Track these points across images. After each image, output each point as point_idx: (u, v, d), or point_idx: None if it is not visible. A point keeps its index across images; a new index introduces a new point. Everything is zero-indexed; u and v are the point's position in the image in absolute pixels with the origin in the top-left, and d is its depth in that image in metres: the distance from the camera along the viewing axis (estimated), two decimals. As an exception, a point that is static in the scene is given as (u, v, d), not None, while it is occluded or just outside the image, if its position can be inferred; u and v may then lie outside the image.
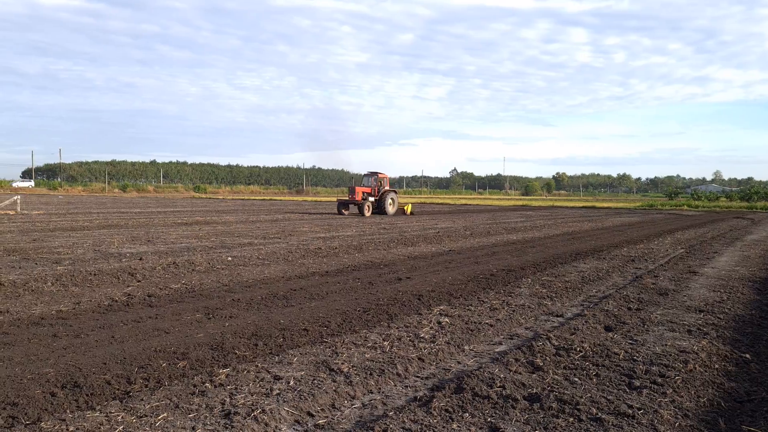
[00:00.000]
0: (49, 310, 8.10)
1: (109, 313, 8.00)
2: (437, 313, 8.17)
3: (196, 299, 9.07)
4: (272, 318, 7.81)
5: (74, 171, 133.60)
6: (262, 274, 11.68)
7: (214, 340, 6.59)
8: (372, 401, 4.95)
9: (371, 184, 38.16)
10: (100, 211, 36.72)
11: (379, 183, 38.23)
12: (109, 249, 14.85)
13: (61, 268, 11.22)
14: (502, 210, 50.84)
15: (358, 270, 12.54)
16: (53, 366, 5.59)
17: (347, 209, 37.59)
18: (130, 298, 8.99)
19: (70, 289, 9.65)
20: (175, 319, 7.70)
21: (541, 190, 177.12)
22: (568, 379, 5.40)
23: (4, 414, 4.46)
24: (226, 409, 4.50)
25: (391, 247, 17.26)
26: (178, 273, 11.41)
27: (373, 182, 38.22)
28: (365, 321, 7.73)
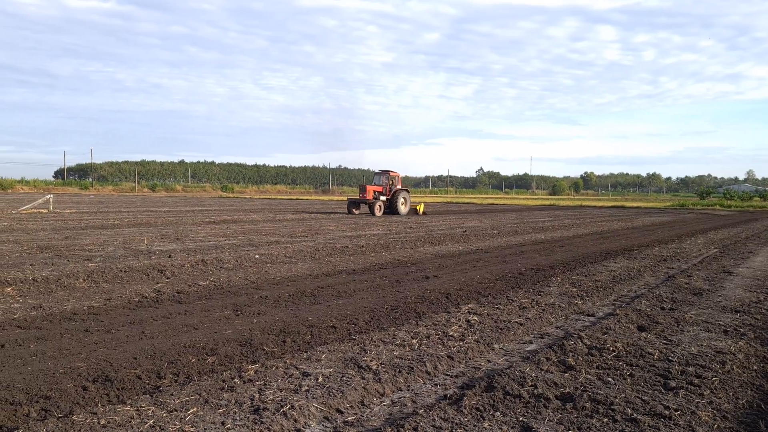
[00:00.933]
0: (81, 305, 8.21)
1: (139, 309, 8.07)
2: (466, 311, 8.08)
3: (225, 296, 9.11)
4: (300, 315, 7.80)
5: (105, 171, 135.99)
6: (289, 271, 11.70)
7: (243, 337, 6.60)
8: (401, 399, 4.90)
9: (383, 182, 36.78)
10: (130, 210, 37.27)
11: (391, 181, 36.84)
12: (138, 247, 15.03)
13: (93, 265, 11.38)
14: (530, 209, 50.38)
15: (385, 268, 12.50)
16: (85, 360, 5.65)
17: (358, 208, 36.53)
18: (159, 295, 9.06)
19: (101, 285, 9.77)
20: (204, 315, 7.74)
21: (569, 190, 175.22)
22: (602, 379, 5.28)
23: (37, 407, 4.50)
24: (255, 405, 4.48)
25: (417, 245, 17.18)
26: (206, 270, 11.49)
27: (385, 181, 36.83)
28: (393, 319, 7.68)
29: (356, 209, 36.32)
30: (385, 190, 36.19)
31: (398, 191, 36.35)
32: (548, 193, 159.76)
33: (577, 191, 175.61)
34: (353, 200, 37.34)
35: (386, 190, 36.24)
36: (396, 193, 36.17)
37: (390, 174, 37.02)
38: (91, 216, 29.08)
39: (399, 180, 37.48)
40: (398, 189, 36.55)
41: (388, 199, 35.85)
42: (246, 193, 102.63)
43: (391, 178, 36.80)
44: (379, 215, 34.21)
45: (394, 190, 36.31)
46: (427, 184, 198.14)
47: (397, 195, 36.03)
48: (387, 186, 36.40)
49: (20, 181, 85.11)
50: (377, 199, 35.06)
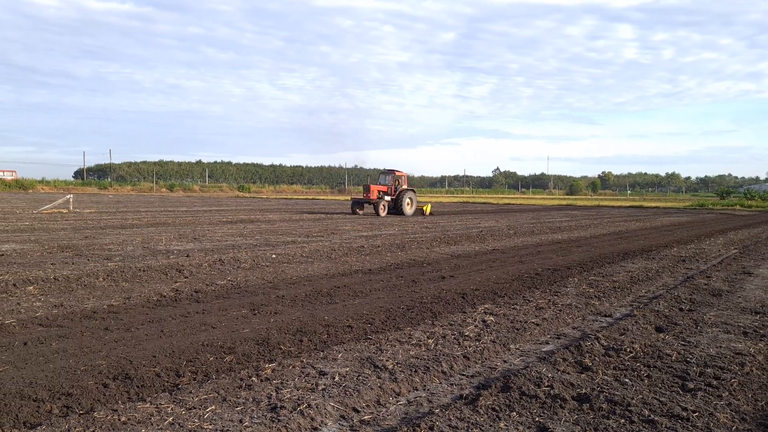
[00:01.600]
0: (101, 304, 8.32)
1: (158, 308, 8.17)
2: (482, 311, 8.07)
3: (242, 295, 9.19)
4: (316, 314, 7.85)
5: (123, 171, 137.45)
6: (305, 271, 11.77)
7: (260, 336, 6.66)
8: (417, 398, 4.92)
9: (388, 182, 35.77)
10: (149, 209, 37.64)
11: (396, 181, 35.71)
12: (157, 246, 15.19)
13: (112, 264, 11.52)
14: (547, 209, 50.12)
15: (401, 268, 12.52)
16: (105, 358, 5.73)
17: (362, 209, 35.56)
18: (177, 294, 9.16)
19: (121, 284, 9.90)
20: (222, 314, 7.81)
21: (586, 190, 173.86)
22: (619, 380, 5.26)
23: (59, 404, 4.58)
24: (272, 403, 4.53)
25: (434, 245, 17.18)
26: (224, 270, 11.59)
27: (390, 180, 35.74)
28: (409, 318, 7.71)
29: (360, 209, 35.46)
30: (390, 189, 35.35)
31: (404, 191, 35.42)
32: (565, 193, 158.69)
33: (594, 191, 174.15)
34: (357, 200, 36.31)
35: (391, 189, 35.39)
36: (401, 193, 35.25)
37: (395, 173, 36.12)
38: (110, 216, 29.42)
39: (405, 180, 36.63)
40: (404, 189, 35.61)
41: (393, 199, 35.07)
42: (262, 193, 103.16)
43: (396, 178, 35.90)
44: (383, 215, 33.36)
45: (400, 190, 35.38)
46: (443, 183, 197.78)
47: (402, 195, 35.14)
48: (392, 186, 35.52)
49: (41, 181, 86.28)
50: (381, 198, 34.27)
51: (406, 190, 35.50)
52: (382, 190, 34.95)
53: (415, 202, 36.00)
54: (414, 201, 35.83)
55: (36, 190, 77.29)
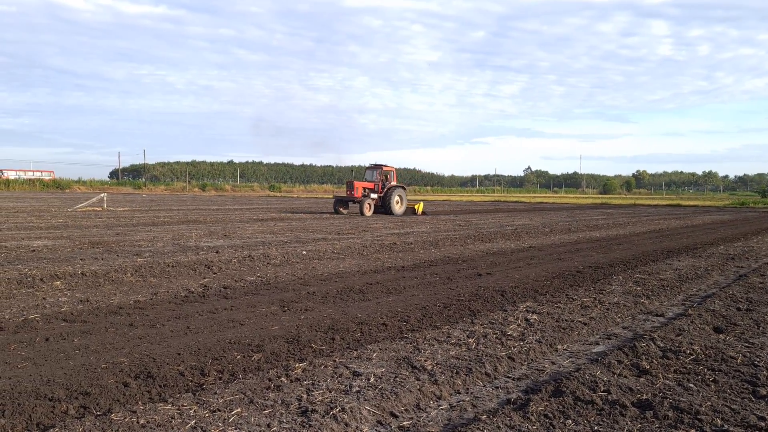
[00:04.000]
0: (127, 299, 8.08)
1: (185, 304, 7.89)
2: (524, 309, 7.61)
3: (272, 292, 8.87)
4: (349, 312, 7.48)
5: (157, 171, 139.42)
6: (337, 268, 11.42)
7: (290, 333, 6.31)
8: (460, 402, 4.50)
9: (374, 178, 32.79)
10: (180, 208, 37.79)
11: (384, 177, 32.71)
12: (187, 243, 15.01)
13: (141, 260, 11.33)
14: (581, 208, 49.07)
15: (435, 265, 12.09)
16: (127, 355, 5.44)
17: (346, 207, 32.31)
18: (206, 290, 8.89)
19: (149, 280, 9.67)
20: (251, 311, 7.49)
21: (620, 189, 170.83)
22: (682, 385, 4.76)
23: (76, 403, 4.28)
24: (303, 406, 4.16)
25: (467, 243, 16.71)
26: (253, 266, 11.31)
27: (377, 176, 32.71)
28: (446, 317, 7.28)
29: (343, 208, 32.22)
30: (376, 186, 32.32)
31: (392, 188, 32.16)
32: (598, 192, 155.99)
33: (629, 190, 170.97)
34: (340, 198, 33.00)
35: (378, 186, 32.33)
36: (390, 190, 31.98)
37: (383, 168, 33.04)
38: (142, 214, 29.54)
39: (394, 175, 33.56)
40: (392, 186, 32.42)
41: (381, 197, 31.95)
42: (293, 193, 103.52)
43: (384, 173, 32.86)
44: (368, 215, 30.18)
45: (388, 187, 32.21)
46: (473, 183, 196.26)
47: (391, 192, 31.85)
48: (379, 182, 32.48)
49: (77, 181, 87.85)
50: (367, 196, 31.23)
51: (394, 187, 32.36)
52: (367, 188, 32.14)
53: (405, 200, 32.98)
54: (404, 199, 32.81)
55: (73, 190, 78.67)
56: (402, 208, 32.35)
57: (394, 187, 32.30)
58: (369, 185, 32.22)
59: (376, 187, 32.23)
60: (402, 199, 32.48)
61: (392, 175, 33.30)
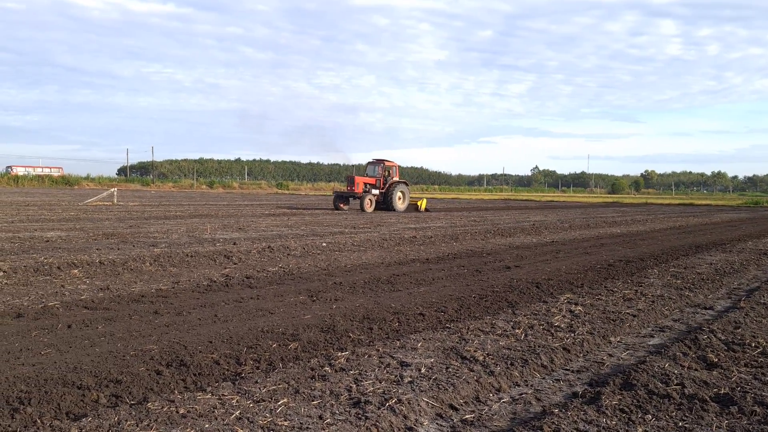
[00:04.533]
0: (149, 288, 7.76)
1: (209, 293, 7.56)
2: (564, 301, 7.24)
3: (296, 281, 8.53)
4: (381, 302, 7.13)
5: (165, 168, 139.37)
6: (359, 259, 11.08)
7: (324, 322, 5.97)
8: (522, 396, 4.14)
9: (376, 173, 31.24)
10: (190, 203, 37.51)
11: (387, 172, 31.20)
12: (202, 235, 14.70)
13: (158, 251, 11.01)
14: (593, 206, 48.54)
15: (460, 258, 11.73)
16: (156, 343, 5.11)
17: (346, 203, 30.73)
18: (228, 279, 8.56)
19: (168, 269, 9.35)
20: (278, 300, 7.16)
21: (629, 189, 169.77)
22: (759, 379, 4.39)
23: (107, 392, 3.95)
24: (354, 397, 3.81)
25: (487, 237, 16.33)
26: (273, 257, 10.98)
27: (379, 171, 31.16)
28: (485, 307, 6.93)
29: (344, 204, 30.62)
30: (378, 182, 30.81)
31: (395, 184, 30.84)
32: (607, 192, 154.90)
33: (637, 190, 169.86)
34: (340, 194, 31.41)
35: (380, 182, 30.83)
36: (392, 186, 30.66)
37: (385, 164, 31.54)
38: (153, 208, 29.27)
39: (396, 171, 32.05)
40: (395, 181, 31.04)
41: (383, 193, 30.59)
42: (300, 190, 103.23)
43: (386, 169, 31.37)
44: (369, 211, 28.81)
45: (390, 183, 30.81)
46: (480, 182, 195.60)
47: (393, 188, 30.53)
48: (381, 178, 30.93)
49: (86, 177, 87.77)
50: (368, 192, 29.89)
51: (397, 183, 31.07)
52: (369, 183, 30.66)
53: (408, 196, 31.61)
54: (406, 195, 31.44)
55: (81, 187, 78.59)
56: (404, 204, 31.14)
57: (397, 182, 31.11)
58: (370, 180, 30.83)
59: (377, 183, 30.85)
60: (405, 195, 31.33)
61: (395, 170, 31.96)
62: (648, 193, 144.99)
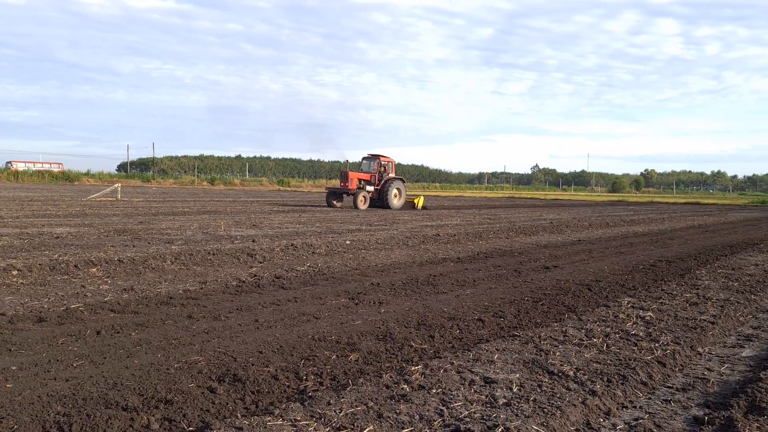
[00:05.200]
0: (176, 288, 7.21)
1: (241, 295, 7.00)
2: (628, 306, 6.69)
3: (331, 282, 7.97)
4: (430, 305, 6.58)
5: (165, 165, 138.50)
6: (388, 258, 10.53)
7: (378, 329, 5.42)
8: (638, 421, 3.58)
9: (371, 169, 29.96)
10: (195, 199, 36.90)
11: (382, 168, 29.98)
12: (217, 232, 14.14)
13: (176, 248, 10.46)
14: (600, 204, 48.04)
15: (492, 257, 11.18)
16: (200, 353, 4.56)
17: (339, 200, 29.43)
18: (258, 279, 8.01)
19: (192, 268, 8.79)
20: (319, 303, 6.60)
21: (630, 187, 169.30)
22: None
23: (158, 414, 3.40)
24: (450, 424, 3.26)
25: (511, 235, 15.78)
26: (299, 255, 10.42)
27: (375, 167, 29.94)
28: (543, 312, 6.39)
29: (337, 201, 29.34)
30: (373, 178, 29.53)
31: (390, 180, 29.53)
32: (608, 191, 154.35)
33: (638, 189, 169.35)
34: (333, 190, 30.22)
35: (375, 178, 29.54)
36: (388, 182, 29.40)
37: (381, 159, 30.24)
38: (158, 204, 28.69)
39: (392, 167, 30.91)
40: (390, 178, 29.71)
41: (378, 190, 29.37)
42: (302, 187, 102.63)
43: (382, 165, 30.11)
44: (363, 208, 27.52)
45: (386, 179, 29.50)
46: (481, 180, 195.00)
47: (389, 185, 29.30)
48: (376, 174, 29.66)
49: (86, 173, 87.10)
50: (362, 189, 28.55)
51: (393, 179, 29.76)
52: (363, 179, 29.34)
53: (404, 193, 30.45)
54: (403, 192, 30.23)
55: (82, 183, 77.93)
56: (400, 201, 29.98)
57: (393, 179, 29.82)
58: (365, 176, 29.55)
59: (372, 179, 29.54)
60: (401, 192, 30.13)
61: (390, 166, 30.79)
62: (649, 192, 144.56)
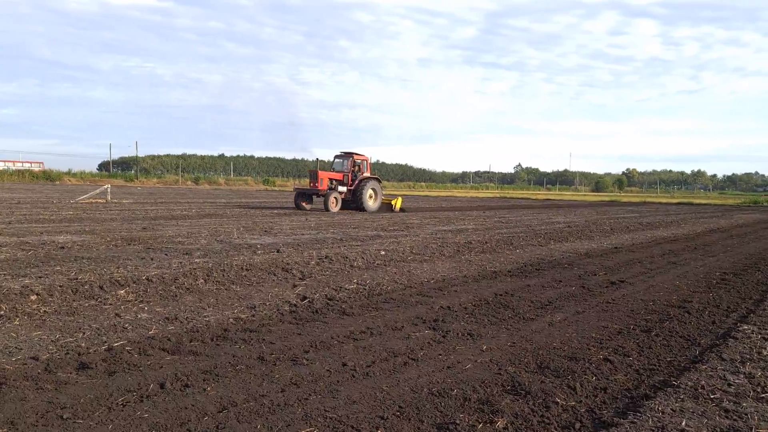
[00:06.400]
0: (224, 316, 6.19)
1: (303, 324, 6.00)
2: (755, 335, 5.81)
3: (394, 306, 6.99)
4: (531, 338, 5.65)
5: (147, 164, 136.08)
6: (435, 272, 9.59)
7: (498, 376, 4.48)
8: None
9: (344, 168, 27.92)
10: (188, 201, 35.61)
11: (356, 167, 27.95)
12: (231, 239, 13.08)
13: (199, 261, 9.43)
14: (596, 205, 47.53)
15: (543, 269, 10.27)
16: (308, 421, 3.57)
17: (309, 202, 27.19)
18: (310, 302, 7.01)
19: (230, 288, 7.75)
20: (400, 335, 5.63)
21: (613, 186, 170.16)
22: None
23: None
24: None
25: (542, 242, 14.88)
26: (338, 269, 9.42)
27: (348, 166, 27.85)
28: (666, 346, 5.50)
29: (306, 203, 27.02)
30: (345, 178, 27.46)
31: (365, 180, 27.45)
32: (591, 190, 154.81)
33: (621, 188, 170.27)
34: (302, 191, 27.77)
35: (348, 178, 27.47)
36: (362, 182, 27.34)
37: (354, 157, 28.09)
38: (151, 206, 27.42)
39: (368, 166, 28.69)
40: (365, 177, 27.64)
41: (351, 190, 27.31)
42: (288, 186, 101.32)
43: (356, 163, 28.00)
44: (335, 211, 25.58)
45: (360, 179, 27.44)
46: (464, 179, 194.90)
47: (363, 185, 27.22)
48: (349, 173, 27.60)
49: (68, 173, 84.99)
50: (333, 189, 26.52)
51: (368, 179, 27.65)
52: (335, 179, 27.23)
53: (380, 194, 28.29)
54: (378, 193, 28.05)
55: (63, 182, 75.87)
56: (376, 203, 27.91)
57: (367, 178, 27.72)
58: (337, 176, 27.45)
59: (345, 179, 27.47)
60: (376, 193, 27.99)
61: (365, 164, 28.60)
62: (632, 191, 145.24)
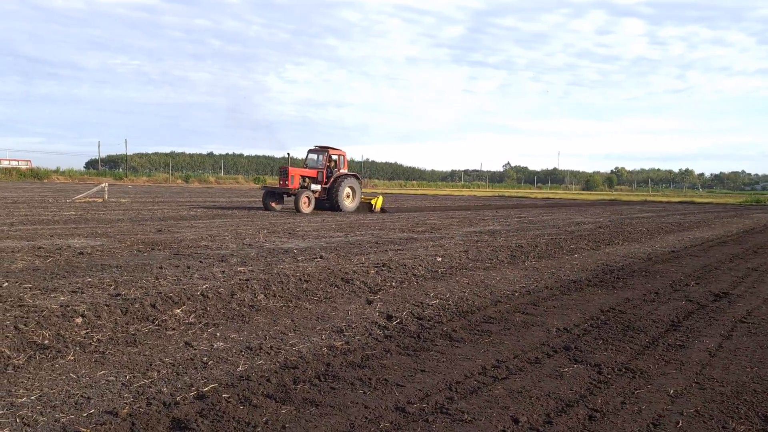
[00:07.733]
0: (314, 344, 5.11)
1: (417, 355, 4.93)
2: None
3: (500, 327, 5.94)
4: (701, 382, 4.63)
5: (135, 162, 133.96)
6: (508, 282, 8.57)
7: None
8: None
9: (318, 164, 25.18)
10: (187, 200, 34.27)
11: (332, 163, 25.19)
12: (260, 243, 11.98)
13: (242, 269, 8.35)
14: (602, 204, 46.75)
15: (621, 278, 9.27)
16: None
17: (279, 202, 24.56)
18: (400, 324, 5.95)
19: (300, 305, 6.65)
20: (549, 372, 4.58)
21: (603, 185, 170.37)
22: None
23: None
24: None
25: (594, 245, 13.85)
26: (401, 279, 8.34)
27: (323, 162, 25.09)
28: None
29: (276, 203, 24.42)
30: (320, 175, 24.78)
31: (341, 177, 24.84)
32: (581, 188, 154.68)
33: (611, 187, 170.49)
34: (271, 190, 25.22)
35: (323, 175, 24.81)
36: (339, 180, 24.75)
37: (330, 152, 25.21)
38: (152, 206, 26.13)
39: (345, 162, 25.73)
40: (342, 174, 25.00)
41: (326, 189, 24.79)
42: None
43: (332, 159, 25.20)
44: (307, 212, 23.00)
45: (336, 176, 24.86)
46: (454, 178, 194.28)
47: (339, 183, 24.64)
48: (324, 170, 24.90)
49: (56, 171, 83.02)
50: (305, 188, 23.92)
51: (345, 176, 25.02)
52: (308, 176, 24.59)
53: (359, 192, 25.66)
54: (357, 191, 25.45)
55: (51, 180, 73.94)
56: (354, 203, 25.35)
57: (344, 175, 25.07)
58: (311, 173, 24.74)
59: (319, 176, 24.81)
60: (354, 192, 25.36)
61: (342, 160, 25.65)
62: (621, 190, 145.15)
